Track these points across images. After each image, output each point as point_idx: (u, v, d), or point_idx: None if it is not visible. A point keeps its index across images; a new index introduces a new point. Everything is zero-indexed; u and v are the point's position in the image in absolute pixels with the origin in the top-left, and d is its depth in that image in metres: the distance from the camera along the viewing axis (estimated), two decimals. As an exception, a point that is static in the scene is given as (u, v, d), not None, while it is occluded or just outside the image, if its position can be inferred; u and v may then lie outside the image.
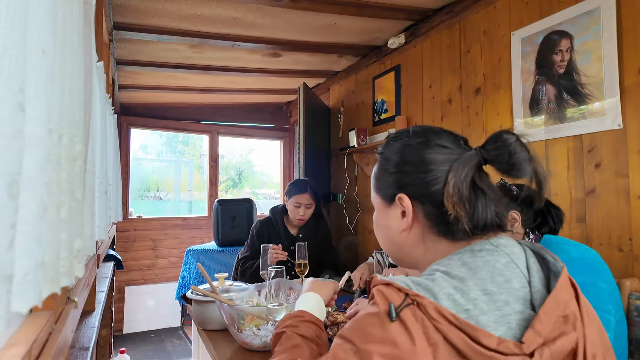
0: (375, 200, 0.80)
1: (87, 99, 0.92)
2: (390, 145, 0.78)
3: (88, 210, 0.99)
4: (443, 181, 0.68)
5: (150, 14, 2.42)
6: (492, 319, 0.56)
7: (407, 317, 0.55)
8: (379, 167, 0.79)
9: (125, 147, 4.45)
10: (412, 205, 0.71)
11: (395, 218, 0.74)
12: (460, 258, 0.64)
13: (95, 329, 1.53)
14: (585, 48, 1.73)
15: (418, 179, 0.70)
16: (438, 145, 0.71)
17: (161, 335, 4.35)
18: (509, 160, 0.63)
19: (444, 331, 0.54)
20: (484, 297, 0.58)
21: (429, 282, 0.60)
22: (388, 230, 0.77)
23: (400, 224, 0.73)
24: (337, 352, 0.59)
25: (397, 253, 0.79)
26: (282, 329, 0.92)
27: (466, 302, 0.57)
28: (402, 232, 0.74)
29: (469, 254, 0.65)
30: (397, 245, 0.77)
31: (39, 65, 0.57)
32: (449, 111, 2.48)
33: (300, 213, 2.44)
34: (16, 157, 0.49)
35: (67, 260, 0.69)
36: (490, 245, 0.66)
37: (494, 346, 0.53)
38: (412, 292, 0.57)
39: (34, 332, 0.71)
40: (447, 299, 0.57)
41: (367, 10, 2.43)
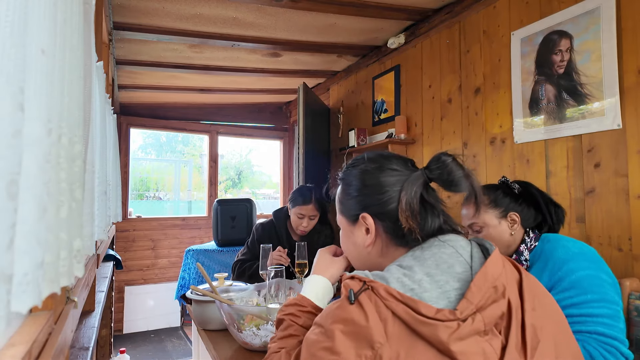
0: (342, 222, 0.91)
1: (86, 99, 0.92)
2: (349, 171, 0.89)
3: (87, 210, 0.99)
4: (397, 200, 0.79)
5: (150, 14, 2.42)
6: (434, 295, 0.66)
7: (363, 300, 0.66)
8: (341, 191, 0.90)
9: (124, 147, 4.45)
10: (374, 223, 0.82)
11: (360, 235, 0.86)
12: (412, 254, 0.76)
13: (95, 328, 1.53)
14: (585, 48, 1.73)
15: (376, 199, 0.82)
16: (390, 169, 0.82)
17: (161, 335, 4.35)
18: (448, 178, 0.76)
19: (392, 307, 0.64)
20: (427, 279, 0.69)
21: (384, 272, 0.72)
22: (355, 247, 0.88)
23: (365, 239, 0.84)
24: (309, 336, 0.70)
25: (365, 266, 0.88)
26: (284, 315, 0.97)
27: (412, 283, 0.68)
28: (367, 247, 0.85)
29: (420, 250, 0.76)
30: (364, 259, 0.88)
31: (38, 65, 0.57)
32: (449, 111, 2.48)
33: (303, 224, 2.33)
34: (16, 157, 0.49)
35: (66, 260, 0.69)
36: (439, 241, 0.76)
37: (432, 315, 0.62)
38: (368, 279, 0.68)
39: (34, 332, 0.70)
40: (396, 282, 0.68)
41: (366, 10, 2.43)
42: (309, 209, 2.33)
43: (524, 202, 1.39)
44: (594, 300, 1.13)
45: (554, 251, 1.26)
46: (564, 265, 1.21)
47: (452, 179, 0.76)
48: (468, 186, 0.76)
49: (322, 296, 1.03)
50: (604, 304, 1.12)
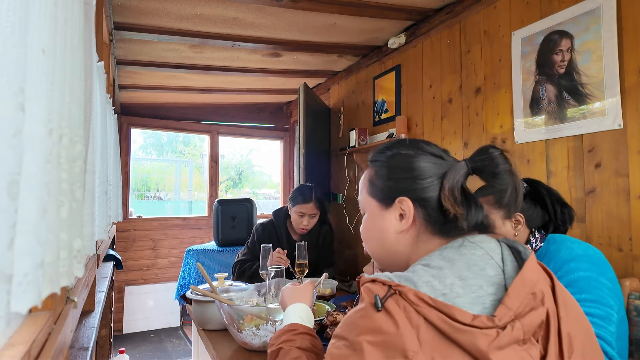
0: (370, 205, 0.85)
1: (87, 99, 0.92)
2: (385, 153, 0.84)
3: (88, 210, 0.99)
4: (437, 187, 0.76)
5: (151, 14, 2.42)
6: (467, 301, 0.62)
7: (391, 306, 0.61)
8: (375, 173, 0.84)
9: (125, 147, 4.45)
10: (412, 208, 0.77)
11: (393, 220, 0.80)
12: (440, 254, 0.71)
13: (94, 329, 1.53)
14: (586, 48, 1.73)
15: (417, 184, 0.77)
16: (430, 154, 0.80)
17: (161, 335, 4.35)
18: (493, 170, 0.74)
19: (424, 313, 0.60)
20: (460, 283, 0.65)
21: (409, 274, 0.67)
22: (382, 233, 0.82)
23: (399, 225, 0.79)
24: (332, 351, 0.65)
25: (386, 255, 0.83)
26: (279, 345, 0.94)
27: (443, 287, 0.63)
28: (400, 234, 0.79)
29: (448, 250, 0.72)
30: (388, 248, 0.82)
31: (39, 65, 0.57)
32: (449, 111, 2.48)
33: (303, 223, 2.34)
34: (16, 157, 0.49)
35: (66, 260, 0.69)
36: (468, 242, 0.73)
37: (469, 321, 0.58)
38: (394, 283, 0.63)
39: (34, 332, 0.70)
40: (426, 286, 0.64)
41: (367, 10, 2.43)
42: (310, 208, 2.33)
43: (530, 202, 1.38)
44: (587, 300, 1.12)
45: (557, 252, 1.25)
46: (564, 265, 1.20)
47: (497, 172, 0.73)
48: (511, 182, 0.73)
49: (307, 319, 1.03)
50: (598, 305, 1.12)
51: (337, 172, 3.75)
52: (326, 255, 2.55)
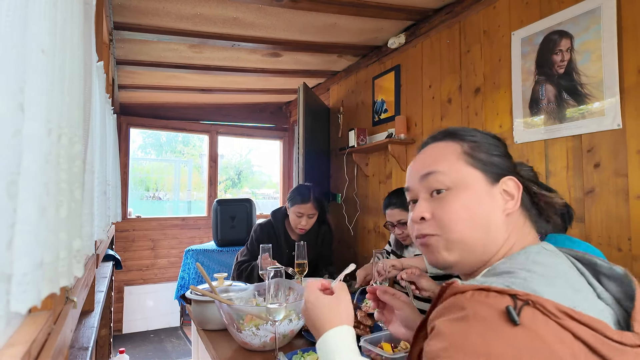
0: (470, 178, 0.71)
1: (86, 99, 0.91)
2: (479, 131, 0.78)
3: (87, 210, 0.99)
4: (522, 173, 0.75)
5: (151, 14, 2.42)
6: (595, 315, 0.53)
7: (530, 319, 0.49)
8: (470, 146, 0.74)
9: (124, 146, 4.45)
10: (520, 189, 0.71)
11: (500, 199, 0.71)
12: (527, 257, 0.63)
13: (94, 328, 1.53)
14: (585, 48, 1.73)
15: (515, 166, 0.75)
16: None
17: (160, 335, 4.35)
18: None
19: (571, 328, 0.49)
20: (578, 296, 0.56)
21: (521, 280, 0.55)
22: (490, 213, 0.70)
23: (506, 206, 0.70)
24: None
25: (481, 242, 0.69)
26: None
27: (568, 300, 0.53)
28: (507, 217, 0.70)
29: (531, 254, 0.64)
30: (491, 232, 0.69)
31: (38, 65, 0.57)
32: (449, 111, 2.48)
33: (302, 223, 2.33)
34: (15, 157, 0.49)
35: (66, 260, 0.69)
36: (545, 250, 0.66)
37: (618, 338, 0.50)
38: (521, 292, 0.52)
39: (33, 332, 0.70)
40: (551, 296, 0.53)
41: (367, 10, 2.43)
42: (308, 208, 2.33)
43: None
44: None
45: None
46: None
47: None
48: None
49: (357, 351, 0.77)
50: None
51: (337, 172, 3.75)
52: (326, 255, 2.55)
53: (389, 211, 2.09)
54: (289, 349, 1.47)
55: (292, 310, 1.51)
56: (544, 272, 0.58)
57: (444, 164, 0.73)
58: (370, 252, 3.09)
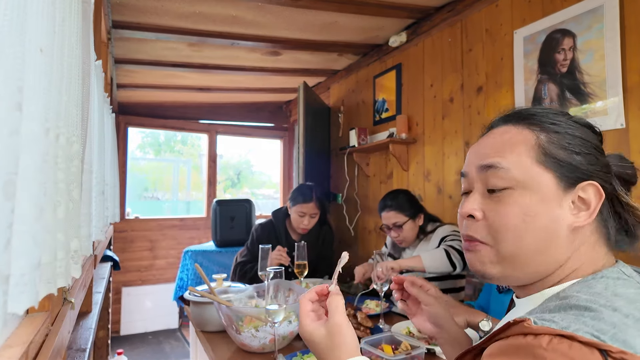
0: (539, 179, 0.59)
1: (85, 98, 0.91)
2: (564, 116, 0.63)
3: (85, 211, 0.98)
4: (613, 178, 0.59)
5: (149, 12, 2.40)
6: None
7: None
8: (549, 139, 0.61)
9: (122, 146, 4.44)
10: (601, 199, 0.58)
11: (567, 210, 0.58)
12: (606, 287, 0.52)
13: (92, 330, 1.52)
14: (588, 47, 1.72)
15: (607, 168, 0.59)
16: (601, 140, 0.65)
17: (159, 336, 4.34)
18: (633, 181, 0.59)
19: None
20: None
21: (611, 328, 0.45)
22: (553, 224, 0.58)
23: (574, 219, 0.58)
24: None
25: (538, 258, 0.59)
26: None
27: None
28: (573, 231, 0.58)
29: (610, 281, 0.54)
30: (546, 245, 0.59)
31: (36, 64, 0.56)
32: (451, 110, 2.47)
33: (304, 223, 2.33)
34: (13, 156, 0.49)
35: (63, 261, 0.68)
36: (623, 275, 0.55)
37: None
38: (615, 349, 0.42)
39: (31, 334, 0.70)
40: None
41: (367, 9, 2.42)
42: (310, 207, 2.33)
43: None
44: None
45: None
46: None
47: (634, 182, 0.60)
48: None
49: None
50: None
51: (337, 172, 3.74)
52: (327, 256, 2.54)
53: (384, 214, 2.08)
54: (288, 350, 1.46)
55: (291, 311, 1.50)
56: (631, 311, 0.47)
57: (510, 157, 0.61)
58: (371, 252, 3.08)
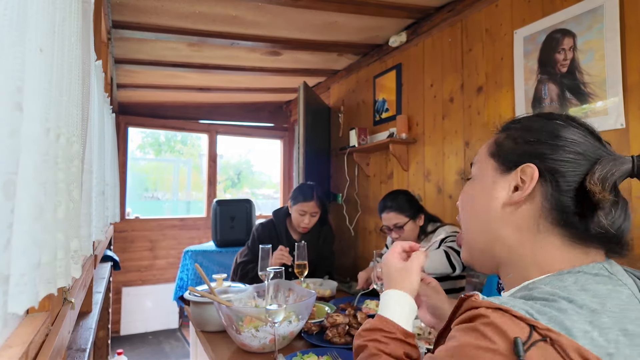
0: (484, 166, 0.69)
1: (85, 98, 0.91)
2: (530, 117, 0.70)
3: (85, 211, 0.98)
4: (584, 168, 0.60)
5: (149, 12, 2.40)
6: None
7: (534, 358, 0.44)
8: (507, 135, 0.69)
9: (123, 146, 4.44)
10: (536, 178, 0.62)
11: (505, 189, 0.65)
12: (576, 281, 0.54)
13: (92, 330, 1.52)
14: (588, 47, 1.72)
15: (556, 152, 0.61)
16: (587, 130, 0.65)
17: (159, 336, 4.34)
18: None
19: None
20: (625, 340, 0.47)
21: (555, 312, 0.48)
22: (487, 202, 0.67)
23: (510, 196, 0.64)
24: None
25: (481, 236, 0.68)
26: (366, 341, 0.79)
27: (607, 344, 0.46)
28: (506, 208, 0.64)
29: (586, 277, 0.55)
30: (492, 223, 0.66)
31: (37, 64, 0.56)
32: (451, 110, 2.47)
33: (305, 221, 2.34)
34: (13, 156, 0.49)
35: (63, 261, 0.68)
36: (607, 272, 0.57)
37: None
38: (542, 325, 0.46)
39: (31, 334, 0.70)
40: (584, 338, 0.46)
41: (367, 8, 2.42)
42: (311, 206, 2.34)
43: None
44: None
45: None
46: None
47: None
48: None
49: (408, 317, 0.82)
50: None
51: (337, 172, 3.74)
52: (327, 256, 2.54)
53: (384, 215, 2.07)
54: (288, 350, 1.46)
55: (291, 311, 1.50)
56: (587, 303, 0.50)
57: (478, 155, 0.72)
58: (371, 252, 3.08)
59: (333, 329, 1.53)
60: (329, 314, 1.60)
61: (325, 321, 1.58)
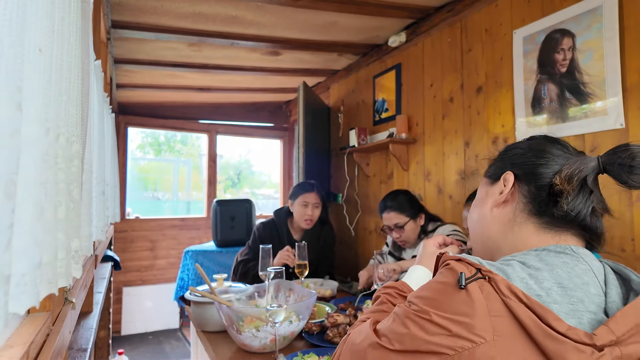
0: (482, 184, 0.86)
1: (84, 98, 0.91)
2: (515, 143, 0.84)
3: (85, 211, 0.98)
4: (554, 168, 0.72)
5: (149, 12, 2.40)
6: (563, 310, 0.58)
7: (473, 289, 0.58)
8: (498, 157, 0.85)
9: (122, 146, 4.44)
10: (514, 181, 0.76)
11: (494, 195, 0.80)
12: (537, 254, 0.66)
13: (93, 330, 1.52)
14: (588, 47, 1.72)
15: (530, 160, 0.75)
16: (559, 143, 0.77)
17: (159, 336, 4.34)
18: (631, 164, 0.64)
19: (512, 306, 0.55)
20: (558, 290, 0.60)
21: (503, 265, 0.62)
22: (482, 207, 0.82)
23: (496, 199, 0.78)
24: (399, 311, 0.65)
25: (479, 235, 0.83)
26: (381, 293, 0.95)
27: (539, 289, 0.59)
28: (495, 208, 0.79)
29: (547, 252, 0.67)
30: (485, 225, 0.81)
31: (36, 64, 0.56)
32: (450, 110, 2.47)
33: (308, 212, 2.35)
34: (13, 157, 0.49)
35: (64, 261, 0.68)
36: (571, 251, 0.67)
37: (563, 330, 0.53)
38: (485, 268, 0.59)
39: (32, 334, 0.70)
40: (520, 282, 0.59)
41: (367, 8, 2.42)
42: (312, 197, 2.37)
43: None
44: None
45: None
46: None
47: (634, 165, 0.63)
48: None
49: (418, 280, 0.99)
50: None
51: (337, 172, 3.74)
52: (327, 256, 2.55)
53: (385, 215, 2.08)
54: (289, 350, 1.46)
55: (292, 311, 1.50)
56: (540, 266, 0.62)
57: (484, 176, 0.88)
58: (371, 252, 3.08)
59: (334, 329, 1.53)
60: (329, 314, 1.60)
61: (325, 321, 1.58)
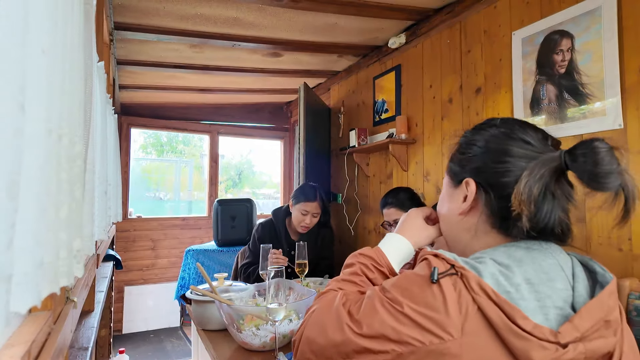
0: (445, 181, 0.83)
1: (87, 99, 0.91)
2: (475, 131, 0.78)
3: (87, 210, 0.99)
4: (516, 176, 0.66)
5: (151, 14, 2.42)
6: (530, 306, 0.58)
7: (446, 284, 0.59)
8: (457, 150, 0.81)
9: (125, 146, 4.45)
10: (476, 192, 0.73)
11: (457, 200, 0.77)
12: (506, 250, 0.66)
13: (94, 329, 1.53)
14: (586, 48, 1.73)
15: (491, 167, 0.71)
16: (521, 139, 0.70)
17: (160, 335, 4.35)
18: (592, 170, 0.60)
19: (481, 304, 0.56)
20: (527, 286, 0.60)
21: (477, 263, 0.63)
22: (449, 212, 0.80)
23: (460, 206, 0.75)
24: (372, 296, 0.66)
25: (449, 236, 0.82)
26: (356, 261, 0.88)
27: (509, 285, 0.59)
28: (460, 216, 0.77)
29: (515, 248, 0.66)
30: (452, 227, 0.80)
31: (39, 65, 0.57)
32: (450, 111, 2.48)
33: (306, 221, 2.34)
34: (16, 157, 0.49)
35: (66, 260, 0.68)
36: (539, 246, 0.67)
37: (529, 328, 0.54)
38: (459, 265, 0.60)
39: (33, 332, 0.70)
40: (491, 278, 0.60)
41: (367, 10, 2.43)
42: (314, 206, 2.35)
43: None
44: None
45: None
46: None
47: (597, 172, 0.59)
48: (617, 186, 0.60)
49: (401, 261, 0.91)
50: None
51: (337, 172, 3.75)
52: (326, 256, 2.55)
53: (385, 210, 2.10)
54: (289, 349, 1.47)
55: (292, 310, 1.51)
56: (508, 263, 0.63)
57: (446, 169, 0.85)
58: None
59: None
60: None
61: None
